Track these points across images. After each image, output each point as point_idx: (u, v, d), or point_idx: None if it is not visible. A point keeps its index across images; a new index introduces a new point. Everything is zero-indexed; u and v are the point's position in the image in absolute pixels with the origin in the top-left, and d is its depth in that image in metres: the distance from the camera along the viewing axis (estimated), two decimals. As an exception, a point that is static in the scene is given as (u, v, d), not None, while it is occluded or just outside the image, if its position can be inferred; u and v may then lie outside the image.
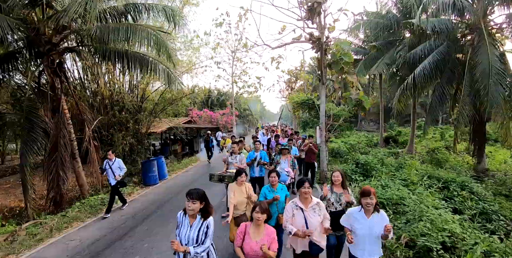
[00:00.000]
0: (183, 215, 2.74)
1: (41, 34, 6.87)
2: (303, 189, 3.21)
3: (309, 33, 8.11)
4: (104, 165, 6.83)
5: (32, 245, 5.20)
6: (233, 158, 6.52)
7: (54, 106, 7.60)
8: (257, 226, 2.88)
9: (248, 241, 2.82)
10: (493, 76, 9.41)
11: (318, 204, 3.26)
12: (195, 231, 2.65)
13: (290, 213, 3.24)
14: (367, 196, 2.81)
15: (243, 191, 4.23)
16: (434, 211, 4.88)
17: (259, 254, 2.73)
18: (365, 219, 2.86)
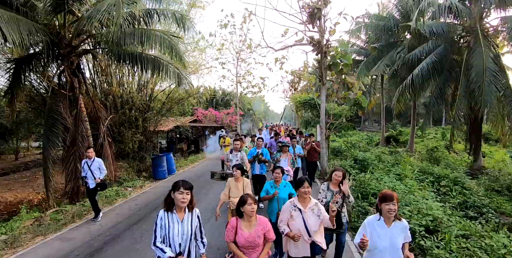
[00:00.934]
0: (166, 213, 2.62)
1: (62, 38, 7.46)
2: (302, 188, 3.04)
3: (310, 36, 8.63)
4: (82, 165, 6.13)
5: (57, 229, 5.78)
6: (234, 155, 6.37)
7: (72, 104, 8.21)
8: (249, 218, 2.78)
9: (241, 234, 2.74)
10: (487, 77, 9.83)
11: (317, 205, 3.12)
12: (188, 224, 2.62)
13: (287, 214, 3.10)
14: (390, 201, 2.44)
15: (238, 188, 4.21)
16: (422, 200, 5.37)
17: (255, 244, 2.70)
18: (386, 229, 2.51)
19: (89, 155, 6.14)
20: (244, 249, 2.75)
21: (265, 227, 2.80)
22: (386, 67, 15.79)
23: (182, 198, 2.53)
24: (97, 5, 6.02)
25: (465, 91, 10.92)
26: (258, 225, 2.78)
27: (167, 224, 2.57)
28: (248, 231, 2.75)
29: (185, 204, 2.58)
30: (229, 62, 24.22)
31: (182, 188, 2.52)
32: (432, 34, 11.73)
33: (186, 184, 2.56)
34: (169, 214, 2.60)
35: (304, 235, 2.99)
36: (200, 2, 15.99)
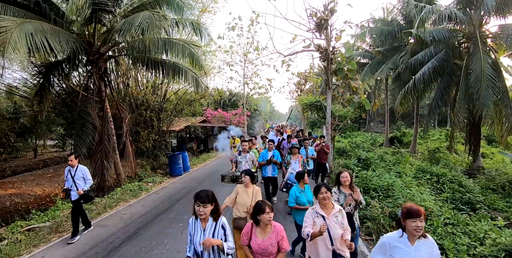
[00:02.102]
0: (194, 220, 2.64)
1: (92, 45, 8.25)
2: (321, 194, 2.96)
3: (317, 44, 9.31)
4: (66, 174, 5.37)
5: (93, 217, 6.53)
6: (242, 157, 6.29)
7: (99, 106, 9.01)
8: (265, 226, 2.75)
9: (255, 240, 2.72)
10: (485, 81, 10.40)
11: (341, 212, 3.02)
12: (210, 234, 2.54)
13: (310, 220, 2.99)
14: (416, 217, 2.17)
15: (248, 194, 4.01)
16: (417, 194, 6.03)
17: (268, 251, 2.67)
18: (409, 247, 2.25)
19: (71, 162, 5.28)
20: (258, 255, 2.73)
21: (280, 235, 2.73)
22: (390, 70, 16.39)
23: (199, 211, 2.49)
24: (128, 18, 6.77)
25: (464, 95, 11.49)
26: (272, 233, 2.72)
27: (192, 231, 2.60)
28: (262, 238, 2.72)
29: (204, 216, 2.52)
30: (236, 63, 25.02)
31: (198, 201, 2.48)
32: (433, 40, 12.33)
33: (202, 197, 2.48)
34: (196, 221, 2.63)
35: (327, 243, 2.90)
36: (211, 8, 16.74)
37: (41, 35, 5.74)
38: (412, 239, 2.26)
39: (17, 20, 5.38)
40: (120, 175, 9.82)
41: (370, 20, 19.26)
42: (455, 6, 12.95)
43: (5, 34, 4.88)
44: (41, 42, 5.64)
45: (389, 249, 2.32)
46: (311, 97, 16.14)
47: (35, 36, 5.54)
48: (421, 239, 2.27)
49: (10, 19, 5.34)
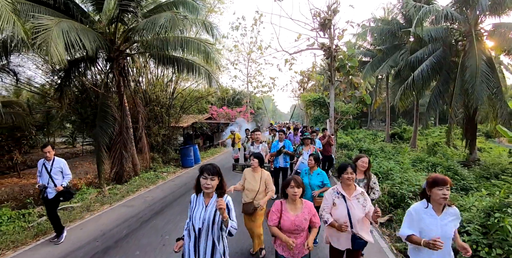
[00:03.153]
0: (195, 196, 2.52)
1: (113, 43, 8.89)
2: (346, 174, 2.85)
3: (321, 43, 9.93)
4: (39, 169, 4.67)
5: (118, 200, 7.18)
6: (255, 147, 6.45)
7: (118, 100, 9.65)
8: (293, 201, 2.71)
9: (288, 217, 2.64)
10: (479, 77, 10.98)
11: (363, 194, 2.91)
12: (212, 210, 2.39)
13: (329, 202, 2.91)
14: (443, 185, 2.17)
15: (256, 178, 3.92)
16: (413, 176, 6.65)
17: (301, 228, 2.62)
18: (435, 218, 2.25)
19: (48, 155, 4.59)
20: (288, 234, 2.64)
21: (311, 210, 2.71)
22: (390, 68, 16.98)
23: (206, 183, 2.36)
24: (151, 17, 7.41)
25: (460, 90, 12.07)
26: (304, 208, 2.69)
27: (194, 206, 2.47)
28: (294, 213, 2.65)
29: (210, 190, 2.40)
30: (240, 62, 25.67)
31: (205, 173, 2.37)
32: (431, 38, 12.91)
33: (210, 169, 2.37)
34: (198, 197, 2.50)
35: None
36: (218, 8, 17.37)
37: (74, 33, 6.38)
38: (437, 209, 2.26)
39: (55, 19, 6.02)
40: (137, 166, 10.45)
41: (371, 20, 19.82)
42: (453, 6, 13.55)
43: (47, 31, 5.52)
44: (75, 39, 6.29)
45: (416, 220, 2.30)
46: (314, 94, 16.76)
47: (70, 34, 6.19)
48: (447, 208, 2.27)
49: (48, 18, 5.98)
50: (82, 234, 5.07)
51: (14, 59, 11.34)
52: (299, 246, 2.64)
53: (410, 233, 2.30)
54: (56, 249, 4.47)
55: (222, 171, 2.45)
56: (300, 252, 2.67)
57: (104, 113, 8.94)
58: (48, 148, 4.59)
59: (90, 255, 4.24)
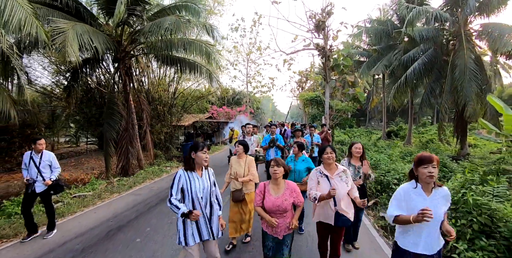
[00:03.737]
0: (185, 172, 2.75)
1: (119, 45, 9.44)
2: (326, 154, 3.05)
3: (316, 43, 10.49)
4: (26, 162, 4.54)
5: (126, 189, 7.72)
6: (247, 139, 6.58)
7: (124, 98, 10.20)
8: (276, 181, 2.85)
9: (269, 198, 2.78)
10: (467, 75, 11.52)
11: (345, 172, 3.06)
12: (206, 180, 2.80)
13: (314, 181, 3.08)
14: (428, 163, 2.11)
15: (241, 164, 4.08)
16: (400, 166, 7.19)
17: (282, 208, 2.75)
18: (425, 198, 2.18)
19: (39, 147, 4.55)
20: (272, 214, 2.80)
21: (294, 191, 2.84)
22: (384, 67, 17.51)
23: (205, 157, 2.72)
24: (156, 21, 7.97)
25: (450, 88, 12.60)
26: (286, 189, 2.82)
27: (188, 181, 2.70)
28: (276, 195, 2.80)
29: (208, 162, 2.79)
30: (240, 63, 26.26)
31: (205, 148, 2.75)
32: (422, 38, 13.46)
33: (203, 146, 2.75)
34: (189, 173, 2.75)
35: (330, 202, 2.95)
36: (218, 10, 17.96)
37: (87, 36, 6.94)
38: (426, 189, 2.19)
39: (70, 23, 6.58)
40: (141, 161, 10.99)
41: (367, 20, 20.37)
42: (444, 7, 14.11)
43: (63, 34, 6.08)
44: (88, 41, 6.84)
45: (404, 200, 2.24)
46: (311, 93, 17.31)
47: (83, 36, 6.75)
48: (437, 189, 2.20)
49: (64, 22, 6.54)
50: (96, 216, 5.61)
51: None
52: (282, 225, 2.80)
53: (398, 214, 2.22)
54: (76, 226, 5.02)
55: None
56: (282, 230, 2.82)
57: (112, 111, 9.48)
58: (42, 140, 4.64)
59: (106, 231, 4.78)
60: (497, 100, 6.85)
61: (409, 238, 2.25)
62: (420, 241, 2.19)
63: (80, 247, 4.21)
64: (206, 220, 2.79)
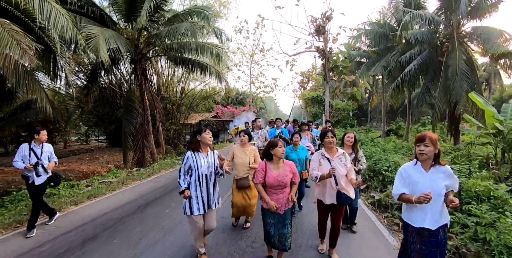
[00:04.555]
0: (193, 153, 3.15)
1: (137, 47, 10.34)
2: (327, 139, 3.28)
3: (316, 46, 11.35)
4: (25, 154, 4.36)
5: (146, 178, 8.59)
6: (255, 133, 6.80)
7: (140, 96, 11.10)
8: (278, 161, 3.10)
9: (271, 174, 3.03)
10: (459, 75, 12.31)
11: (344, 155, 3.31)
12: (211, 159, 3.22)
13: (316, 163, 3.33)
14: (421, 142, 2.32)
15: (246, 153, 4.18)
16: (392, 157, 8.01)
17: (283, 183, 3.02)
18: (424, 174, 2.35)
19: (43, 138, 4.52)
20: (272, 189, 3.06)
21: (292, 168, 3.14)
22: (383, 68, 18.31)
23: (209, 137, 3.14)
24: (172, 26, 8.87)
25: (444, 87, 13.40)
26: (285, 167, 3.12)
27: (195, 160, 3.11)
28: (277, 171, 3.06)
29: (211, 141, 3.19)
30: (243, 64, 27.15)
31: (207, 130, 3.18)
32: (417, 41, 14.26)
33: (206, 128, 3.20)
34: (196, 153, 3.15)
35: (332, 182, 3.19)
36: (224, 14, 18.87)
37: (112, 40, 7.84)
38: (425, 166, 2.34)
39: (99, 28, 7.48)
40: (154, 154, 11.88)
41: (366, 23, 21.19)
42: (438, 10, 14.91)
43: (95, 38, 6.97)
44: (114, 44, 7.74)
45: (406, 177, 2.42)
46: (313, 93, 18.15)
47: (110, 40, 7.64)
48: (437, 166, 2.32)
49: (94, 28, 7.43)
50: (125, 197, 6.49)
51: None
52: (283, 200, 3.06)
53: (403, 191, 2.40)
54: (110, 204, 5.89)
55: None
56: (283, 205, 3.07)
57: (130, 108, 10.39)
58: (44, 131, 4.58)
59: (137, 206, 5.65)
60: (477, 97, 7.65)
61: (414, 214, 2.41)
62: (426, 216, 2.32)
63: (119, 216, 5.08)
64: (211, 194, 3.24)
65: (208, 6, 10.50)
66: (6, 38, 3.96)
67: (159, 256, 3.56)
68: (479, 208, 3.70)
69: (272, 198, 3.04)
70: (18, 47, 4.03)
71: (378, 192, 6.40)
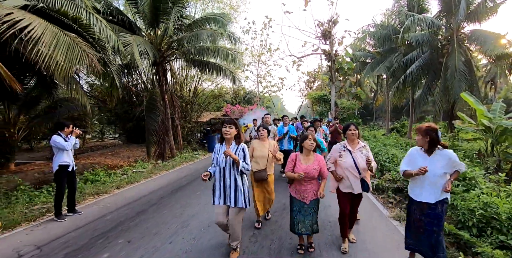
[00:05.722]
0: (219, 145, 3.25)
1: (160, 51, 11.35)
2: (349, 131, 3.39)
3: (323, 49, 12.26)
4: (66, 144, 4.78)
5: (170, 168, 9.63)
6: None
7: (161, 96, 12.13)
8: (308, 153, 3.25)
9: (300, 166, 3.19)
10: (457, 76, 13.11)
11: (365, 147, 3.44)
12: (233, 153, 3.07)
13: (336, 154, 3.45)
14: (418, 132, 2.80)
15: (265, 146, 4.32)
16: (391, 150, 8.91)
17: (310, 175, 3.15)
18: (425, 157, 2.78)
19: (71, 130, 4.95)
20: (301, 181, 3.23)
21: (321, 162, 3.26)
22: (386, 69, 19.12)
23: (225, 130, 3.11)
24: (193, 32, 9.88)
25: (443, 87, 14.20)
26: (315, 160, 3.25)
27: (218, 152, 3.22)
28: (306, 164, 3.22)
29: (228, 136, 3.13)
30: (251, 64, 28.07)
31: (225, 123, 3.16)
32: (418, 43, 15.07)
33: (228, 120, 3.20)
34: (220, 145, 3.26)
35: (354, 172, 3.32)
36: (234, 18, 19.84)
37: (142, 46, 8.86)
38: (428, 151, 2.76)
39: (132, 36, 8.50)
40: (173, 149, 12.89)
41: (371, 25, 21.97)
42: (439, 13, 15.69)
43: (130, 46, 7.99)
44: (144, 49, 8.77)
45: (411, 158, 2.90)
46: (319, 92, 19.05)
47: (140, 46, 8.67)
48: (437, 151, 2.73)
49: (128, 35, 8.46)
50: (157, 183, 7.52)
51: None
52: (310, 190, 3.26)
53: (406, 169, 2.89)
54: (146, 188, 6.92)
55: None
56: (310, 195, 3.28)
57: (152, 106, 11.39)
58: (71, 125, 5.00)
59: (171, 190, 6.68)
60: (469, 97, 8.50)
61: (416, 189, 2.86)
62: (423, 191, 2.77)
63: (158, 196, 6.11)
64: (228, 188, 3.21)
65: (224, 14, 11.52)
66: (77, 50, 4.97)
67: (202, 224, 4.52)
68: (456, 185, 4.62)
69: (298, 188, 3.28)
70: (87, 58, 5.04)
71: (377, 178, 7.32)
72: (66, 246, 3.76)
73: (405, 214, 4.65)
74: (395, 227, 4.30)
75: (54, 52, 4.76)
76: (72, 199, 5.11)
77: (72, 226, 4.47)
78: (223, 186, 3.20)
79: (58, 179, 4.86)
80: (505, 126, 7.12)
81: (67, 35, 5.11)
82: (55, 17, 5.58)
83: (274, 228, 4.33)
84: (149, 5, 9.64)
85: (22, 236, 4.15)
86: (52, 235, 4.13)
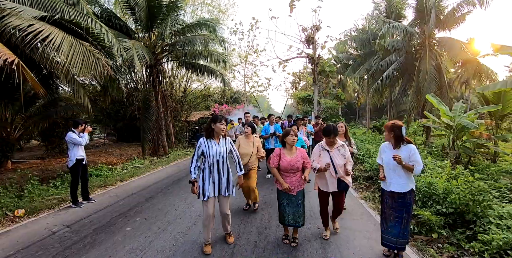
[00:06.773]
0: (205, 140, 3.31)
1: (154, 54, 12.00)
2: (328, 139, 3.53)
3: (306, 53, 13.25)
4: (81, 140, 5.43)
5: (167, 164, 10.35)
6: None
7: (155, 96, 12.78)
8: (290, 148, 3.46)
9: (285, 159, 3.39)
10: (428, 79, 14.42)
11: (343, 146, 3.60)
12: (223, 146, 3.34)
13: (317, 154, 3.62)
14: (386, 128, 3.12)
15: (250, 144, 4.57)
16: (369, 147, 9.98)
17: (295, 167, 3.35)
18: (391, 150, 3.09)
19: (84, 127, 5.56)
20: (286, 172, 3.41)
21: (303, 155, 3.47)
22: (366, 71, 20.39)
23: (223, 128, 3.25)
24: (187, 37, 10.62)
25: (416, 88, 15.50)
26: (298, 153, 3.46)
27: (208, 146, 3.27)
28: (290, 156, 3.41)
29: (224, 132, 3.33)
30: (238, 64, 28.85)
31: (223, 120, 3.27)
32: (394, 48, 16.34)
33: (222, 118, 3.31)
34: (209, 140, 3.31)
35: (331, 171, 3.46)
36: (223, 20, 20.59)
37: (140, 50, 9.54)
38: (395, 145, 3.08)
39: (131, 41, 9.18)
40: (165, 147, 13.56)
41: (353, 29, 23.23)
42: (414, 21, 17.01)
43: (130, 50, 8.68)
44: (141, 53, 9.46)
45: (381, 151, 3.27)
46: (304, 93, 20.10)
47: (138, 50, 9.35)
48: (401, 146, 3.05)
49: (127, 41, 9.13)
50: (157, 176, 8.27)
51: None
52: (295, 182, 3.43)
53: (380, 162, 3.33)
54: (149, 180, 7.66)
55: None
56: (296, 187, 3.44)
57: (147, 106, 12.06)
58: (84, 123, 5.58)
59: (172, 181, 7.45)
60: (432, 98, 9.65)
61: (386, 180, 3.16)
62: (391, 181, 3.09)
63: (162, 186, 6.89)
64: (222, 177, 3.38)
65: (215, 19, 12.29)
66: (91, 57, 5.66)
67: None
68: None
69: (286, 181, 3.42)
70: (100, 64, 5.73)
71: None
72: (92, 224, 4.51)
73: (371, 196, 5.70)
74: (361, 204, 5.32)
75: (72, 60, 5.45)
76: (86, 188, 5.77)
77: (91, 211, 5.20)
78: (218, 178, 3.34)
79: (74, 171, 5.46)
80: (463, 124, 8.24)
81: (82, 44, 5.81)
82: (68, 27, 6.24)
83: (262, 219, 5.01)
84: (145, 12, 10.32)
85: (48, 219, 4.84)
86: (77, 216, 4.87)
